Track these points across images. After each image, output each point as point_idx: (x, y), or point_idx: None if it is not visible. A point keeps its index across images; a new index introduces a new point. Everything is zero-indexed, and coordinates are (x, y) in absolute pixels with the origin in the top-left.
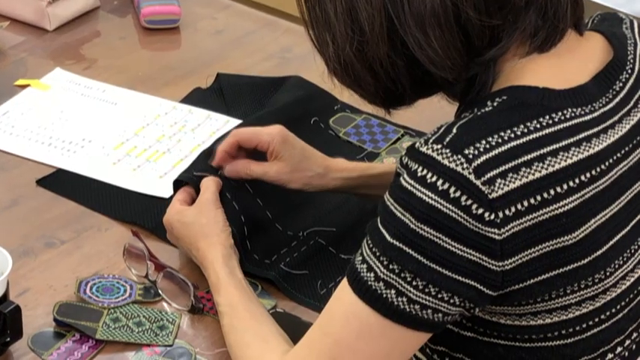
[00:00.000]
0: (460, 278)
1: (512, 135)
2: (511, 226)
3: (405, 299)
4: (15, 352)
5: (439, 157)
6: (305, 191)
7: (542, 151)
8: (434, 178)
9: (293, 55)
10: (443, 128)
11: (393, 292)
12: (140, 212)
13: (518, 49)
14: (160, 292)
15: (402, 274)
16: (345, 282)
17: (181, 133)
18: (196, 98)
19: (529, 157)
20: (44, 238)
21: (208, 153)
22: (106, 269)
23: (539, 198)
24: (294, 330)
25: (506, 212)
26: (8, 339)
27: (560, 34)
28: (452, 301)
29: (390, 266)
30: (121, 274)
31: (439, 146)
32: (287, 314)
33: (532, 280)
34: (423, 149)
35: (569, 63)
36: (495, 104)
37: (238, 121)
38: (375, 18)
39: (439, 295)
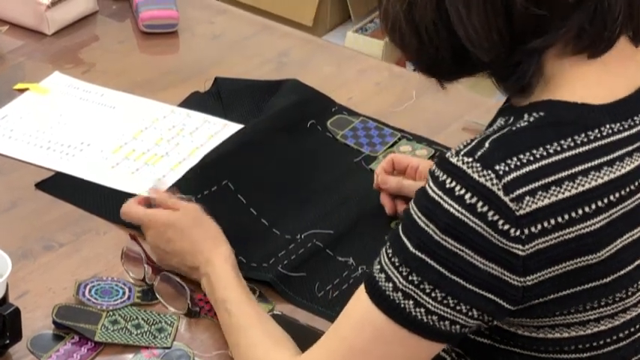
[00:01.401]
0: (480, 291)
1: (545, 153)
2: (536, 243)
3: (423, 310)
4: (14, 354)
5: (469, 171)
6: (305, 195)
7: (573, 170)
8: (462, 191)
9: (290, 59)
10: (475, 141)
11: (411, 302)
12: None
13: (565, 49)
14: (157, 295)
15: (422, 286)
16: (362, 288)
17: (179, 137)
18: (194, 102)
19: (560, 175)
20: (43, 240)
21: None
22: (105, 272)
23: (566, 217)
24: (292, 333)
25: (532, 229)
26: (7, 341)
27: (605, 43)
28: (470, 313)
29: (410, 277)
30: (120, 277)
31: (470, 159)
32: (285, 317)
33: (552, 296)
34: (454, 160)
35: (618, 74)
36: (532, 119)
37: (236, 125)
38: None
39: (457, 307)
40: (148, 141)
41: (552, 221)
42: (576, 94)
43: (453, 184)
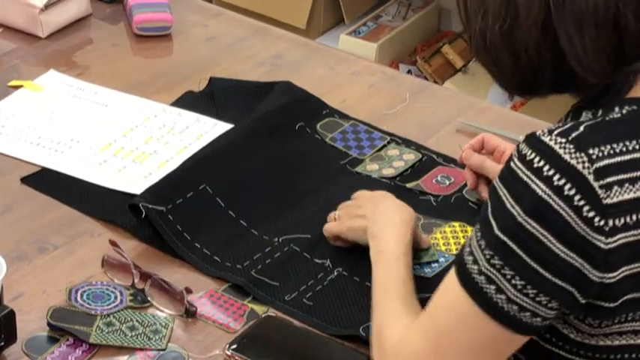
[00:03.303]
0: (559, 282)
1: (637, 147)
2: (617, 238)
3: (504, 297)
4: (9, 356)
5: (561, 151)
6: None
7: None
8: (550, 172)
9: (284, 62)
10: (569, 124)
11: (493, 287)
12: (121, 212)
13: None
14: (149, 299)
15: (502, 271)
16: (452, 271)
17: (169, 135)
18: (187, 101)
19: None
20: (38, 243)
21: (172, 179)
22: (99, 274)
23: None
24: (285, 334)
25: (616, 222)
26: (2, 343)
27: None
28: (549, 305)
29: (492, 261)
30: (110, 281)
31: (563, 140)
32: (279, 319)
33: (624, 298)
34: (545, 139)
35: None
36: (624, 112)
37: (226, 125)
38: (533, 4)
39: (537, 299)
40: (137, 139)
41: (634, 217)
42: None
43: (542, 163)
